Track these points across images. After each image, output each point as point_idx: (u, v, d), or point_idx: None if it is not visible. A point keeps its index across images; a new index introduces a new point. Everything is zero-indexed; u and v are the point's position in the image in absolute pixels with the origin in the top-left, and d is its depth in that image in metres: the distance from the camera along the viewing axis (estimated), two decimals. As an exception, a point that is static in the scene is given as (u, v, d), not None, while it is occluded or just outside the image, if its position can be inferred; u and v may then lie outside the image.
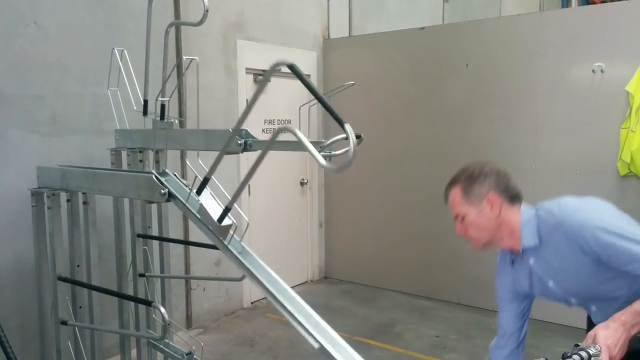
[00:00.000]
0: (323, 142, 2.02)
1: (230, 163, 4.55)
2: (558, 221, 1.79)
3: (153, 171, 2.32)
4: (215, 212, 2.24)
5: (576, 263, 1.77)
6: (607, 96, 4.12)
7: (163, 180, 2.30)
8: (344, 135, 1.97)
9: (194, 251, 4.38)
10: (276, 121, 5.17)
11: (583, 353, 1.49)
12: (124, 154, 3.34)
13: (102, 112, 3.60)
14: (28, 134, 3.33)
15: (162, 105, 2.84)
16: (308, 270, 5.82)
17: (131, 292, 3.43)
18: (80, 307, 3.00)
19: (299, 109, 2.42)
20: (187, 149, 2.65)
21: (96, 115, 3.66)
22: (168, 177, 2.36)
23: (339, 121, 1.61)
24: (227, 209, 2.21)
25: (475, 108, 4.78)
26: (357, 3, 6.03)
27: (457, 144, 4.89)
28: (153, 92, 3.19)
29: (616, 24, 4.07)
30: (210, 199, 2.30)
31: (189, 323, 4.45)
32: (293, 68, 1.86)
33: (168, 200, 2.30)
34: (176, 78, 4.00)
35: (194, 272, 4.46)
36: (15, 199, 3.19)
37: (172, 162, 2.49)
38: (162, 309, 2.27)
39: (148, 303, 2.76)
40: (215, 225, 2.21)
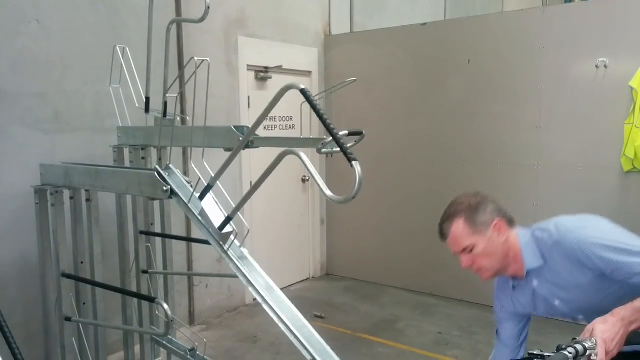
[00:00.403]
0: (324, 139, 2.03)
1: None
2: (556, 240, 1.79)
3: (157, 166, 2.32)
4: (216, 218, 2.25)
5: (580, 279, 1.76)
6: (611, 92, 4.11)
7: (166, 176, 2.30)
8: (346, 132, 1.98)
9: (197, 248, 4.39)
10: (277, 118, 5.17)
11: (579, 346, 1.49)
12: (126, 151, 3.35)
13: (104, 110, 3.61)
14: (31, 132, 3.34)
15: (165, 102, 2.84)
16: (310, 266, 5.83)
17: (134, 289, 3.44)
18: (84, 304, 3.01)
19: (301, 106, 2.42)
20: (190, 146, 2.65)
21: (98, 112, 3.66)
22: (171, 173, 2.37)
23: (349, 159, 1.63)
24: (229, 219, 2.22)
25: (477, 104, 4.78)
26: (359, -1, 6.03)
27: (460, 140, 4.89)
28: (155, 90, 3.19)
29: (620, 19, 4.05)
30: (212, 204, 2.30)
31: (192, 319, 4.47)
32: (304, 93, 1.88)
33: (170, 197, 2.30)
34: (178, 75, 4.00)
35: (197, 269, 4.47)
36: (18, 196, 3.20)
37: (174, 161, 2.49)
38: (165, 306, 2.28)
39: (151, 299, 2.77)
40: (216, 231, 2.23)
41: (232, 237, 2.28)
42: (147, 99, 3.19)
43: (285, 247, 5.46)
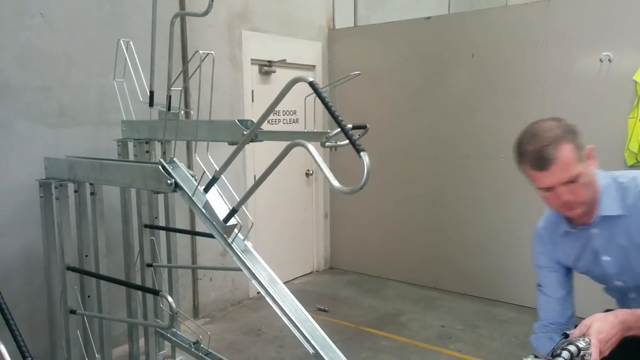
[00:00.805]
0: (329, 133, 2.03)
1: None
2: None
3: (161, 160, 2.33)
4: (221, 211, 2.26)
5: None
6: (615, 86, 4.10)
7: (170, 169, 2.31)
8: (350, 125, 1.98)
9: (201, 241, 4.40)
10: (281, 112, 5.17)
11: (572, 347, 1.41)
12: (131, 145, 3.36)
13: (109, 104, 3.62)
14: (35, 125, 3.35)
15: (169, 96, 2.85)
16: (313, 260, 5.84)
17: (139, 282, 3.46)
18: (88, 297, 3.03)
19: (305, 100, 2.42)
20: (194, 140, 2.66)
21: (102, 106, 3.67)
22: (175, 166, 2.38)
23: (357, 150, 1.63)
24: (234, 211, 2.23)
25: (481, 98, 4.77)
26: (363, -7, 6.01)
27: (463, 135, 4.88)
28: (159, 84, 3.20)
29: (624, 13, 4.03)
30: (217, 197, 2.31)
31: (196, 313, 4.49)
32: (313, 85, 1.88)
33: (174, 190, 2.31)
34: (182, 69, 4.01)
35: (201, 262, 4.48)
36: (23, 190, 3.21)
37: (178, 154, 2.50)
38: (170, 298, 2.29)
39: (155, 292, 2.78)
40: (220, 224, 2.24)
41: (236, 231, 2.29)
42: (151, 93, 3.20)
43: (288, 241, 5.47)
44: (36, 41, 3.34)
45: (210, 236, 2.41)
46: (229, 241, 2.27)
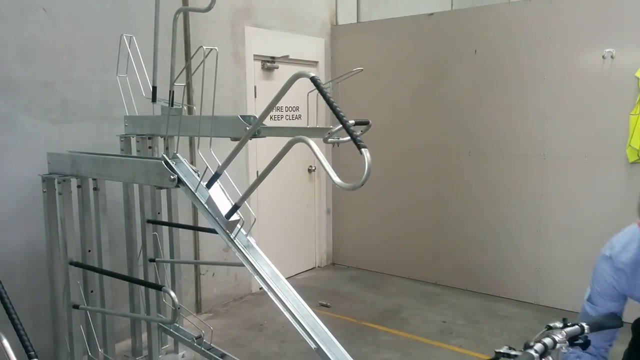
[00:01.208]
0: (331, 129, 2.03)
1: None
2: None
3: (164, 155, 2.34)
4: (223, 206, 2.27)
5: None
6: (617, 82, 4.09)
7: (173, 165, 2.32)
8: (352, 121, 1.99)
9: (203, 237, 4.41)
10: (284, 108, 5.17)
11: (548, 340, 1.39)
12: (133, 141, 3.37)
13: (111, 99, 3.62)
14: (38, 121, 3.36)
15: (172, 91, 2.85)
16: (316, 256, 5.85)
17: (141, 277, 3.47)
18: (91, 292, 3.04)
19: (307, 95, 2.43)
20: (197, 136, 2.66)
21: (105, 102, 3.68)
22: (178, 162, 2.38)
23: (358, 146, 1.63)
24: (236, 207, 2.24)
25: (483, 95, 4.76)
26: (365, -11, 6.00)
27: (465, 131, 4.88)
28: (161, 79, 3.20)
29: (627, 10, 4.02)
30: (219, 193, 2.32)
31: (199, 308, 4.50)
32: (314, 81, 1.88)
33: (177, 186, 2.32)
34: (185, 65, 4.01)
35: (203, 258, 4.50)
36: (26, 185, 3.22)
37: (181, 150, 2.51)
38: (172, 294, 2.30)
39: (158, 287, 2.80)
40: (223, 219, 2.24)
41: (239, 226, 2.30)
42: (154, 89, 3.20)
43: (291, 237, 5.48)
44: (39, 36, 3.34)
45: (213, 232, 2.42)
46: (232, 237, 2.28)
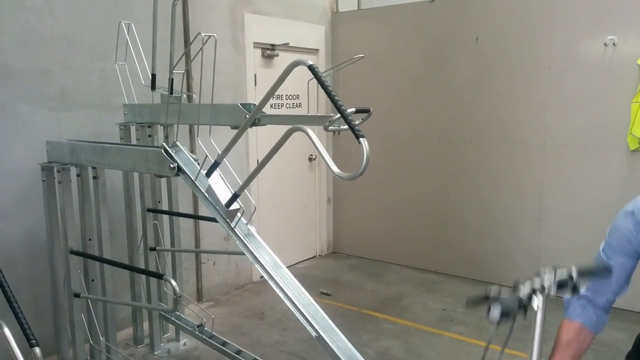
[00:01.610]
0: (332, 117, 2.02)
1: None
2: None
3: (163, 144, 2.33)
4: (223, 195, 2.26)
5: None
6: (619, 70, 4.06)
7: (173, 153, 2.31)
8: (353, 109, 1.97)
9: (204, 226, 4.41)
10: (284, 96, 5.14)
11: (537, 282, 1.37)
12: (133, 129, 3.35)
13: (110, 87, 3.60)
14: (36, 109, 3.33)
15: (171, 79, 2.83)
16: (316, 245, 5.85)
17: (142, 266, 3.47)
18: (92, 280, 3.05)
19: (308, 83, 2.41)
20: (197, 124, 2.65)
21: (104, 90, 3.65)
22: (178, 150, 2.37)
23: (357, 135, 1.61)
24: (236, 195, 2.23)
25: (484, 82, 4.73)
26: (366, -25, 5.94)
27: (466, 119, 4.85)
28: (160, 67, 3.18)
29: (630, -4, 3.98)
30: (219, 181, 2.31)
31: (200, 296, 4.51)
32: (312, 69, 1.86)
33: (177, 174, 2.31)
34: (184, 52, 3.98)
35: (204, 247, 4.50)
36: (25, 174, 3.21)
37: (180, 138, 2.49)
38: (173, 282, 2.30)
39: (159, 276, 2.80)
40: (223, 208, 2.24)
41: (239, 215, 2.30)
42: (153, 76, 3.18)
43: (292, 226, 5.48)
44: (36, 23, 3.31)
45: (213, 220, 2.41)
46: (232, 225, 2.28)
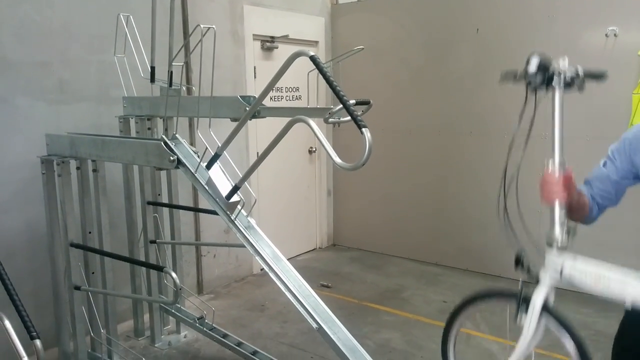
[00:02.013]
0: (332, 109, 2.02)
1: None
2: None
3: (163, 136, 2.32)
4: (223, 187, 2.26)
5: None
6: (620, 61, 4.04)
7: (172, 146, 2.30)
8: (353, 101, 1.96)
9: (204, 218, 4.41)
10: (284, 89, 5.13)
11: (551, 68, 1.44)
12: (132, 122, 3.35)
13: (109, 80, 3.58)
14: (35, 102, 3.32)
15: (170, 72, 2.82)
16: (317, 237, 5.86)
17: (143, 259, 3.47)
18: (92, 273, 3.05)
19: (307, 75, 2.40)
20: (197, 116, 2.64)
21: (103, 82, 3.64)
22: (178, 143, 2.37)
23: (359, 125, 1.61)
24: (237, 188, 2.23)
25: (485, 74, 4.71)
26: (366, -34, 5.90)
27: (467, 111, 4.84)
28: (160, 59, 3.16)
29: (632, -14, 3.96)
30: (219, 173, 2.31)
31: (200, 289, 4.52)
32: (314, 60, 1.85)
33: (177, 167, 2.31)
34: (183, 44, 3.96)
35: (204, 239, 4.50)
36: (25, 167, 3.20)
37: (180, 131, 2.48)
38: (174, 274, 2.30)
39: (159, 268, 2.80)
40: (223, 200, 2.23)
41: (239, 207, 2.29)
42: (152, 69, 3.17)
43: (292, 218, 5.48)
44: (34, 15, 3.29)
45: (213, 213, 2.41)
46: (232, 218, 2.27)
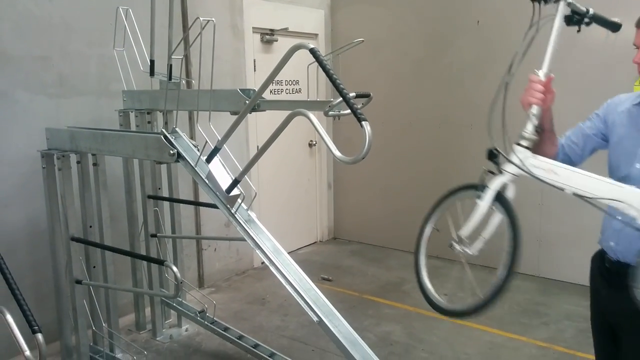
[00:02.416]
0: (331, 102, 2.01)
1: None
2: None
3: (163, 130, 2.32)
4: (224, 181, 2.26)
5: None
6: (622, 53, 4.00)
7: (172, 139, 2.30)
8: (353, 94, 1.95)
9: (205, 212, 4.41)
10: (284, 82, 5.11)
11: None
12: (132, 115, 3.34)
13: (109, 73, 3.57)
14: (35, 96, 3.31)
15: (170, 65, 2.81)
16: (317, 230, 5.86)
17: (143, 252, 3.48)
18: (94, 267, 3.05)
19: (307, 68, 2.39)
20: (197, 110, 2.64)
21: (103, 76, 3.63)
22: (178, 136, 2.36)
23: (359, 118, 1.61)
24: (237, 181, 2.22)
25: (486, 67, 4.69)
26: (366, -42, 5.87)
27: (467, 104, 4.82)
28: (159, 52, 3.15)
29: (634, -23, 3.93)
30: (219, 167, 2.30)
31: (201, 282, 4.53)
32: (314, 52, 1.84)
33: (177, 161, 2.30)
34: (183, 37, 3.95)
35: (205, 233, 4.50)
36: (25, 161, 3.20)
37: (180, 125, 2.48)
38: (175, 268, 2.30)
39: (160, 262, 2.80)
40: (223, 194, 2.23)
41: (240, 201, 2.29)
42: (152, 62, 3.16)
43: (292, 211, 5.48)
44: (33, 9, 3.28)
45: (213, 206, 2.41)
46: (233, 211, 2.27)
